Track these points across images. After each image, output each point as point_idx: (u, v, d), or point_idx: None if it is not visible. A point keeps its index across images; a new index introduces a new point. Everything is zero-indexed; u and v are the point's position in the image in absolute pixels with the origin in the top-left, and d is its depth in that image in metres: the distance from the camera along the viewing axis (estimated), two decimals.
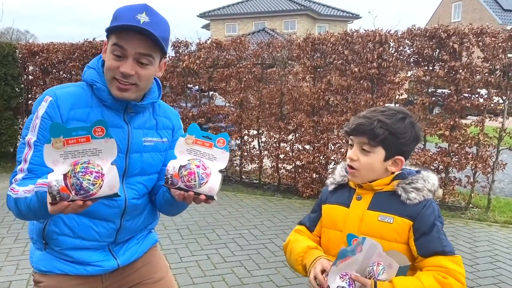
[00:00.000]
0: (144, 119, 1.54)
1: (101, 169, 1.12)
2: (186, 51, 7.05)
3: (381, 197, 1.45)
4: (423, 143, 5.89)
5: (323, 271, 1.39)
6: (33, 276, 1.58)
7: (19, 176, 1.39)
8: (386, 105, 1.37)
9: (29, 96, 8.32)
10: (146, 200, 1.60)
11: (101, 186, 1.12)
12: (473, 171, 5.69)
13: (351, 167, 1.46)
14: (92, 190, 1.11)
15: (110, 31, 1.39)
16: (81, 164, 1.11)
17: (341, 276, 1.33)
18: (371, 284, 1.30)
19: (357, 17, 33.96)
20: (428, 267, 1.37)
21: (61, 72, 7.89)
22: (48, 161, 1.11)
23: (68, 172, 1.10)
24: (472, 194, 5.80)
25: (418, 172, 1.50)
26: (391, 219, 1.40)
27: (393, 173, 1.49)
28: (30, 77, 8.23)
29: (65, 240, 1.48)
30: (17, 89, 8.11)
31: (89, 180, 1.10)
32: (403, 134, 1.42)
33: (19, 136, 8.45)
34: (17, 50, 8.05)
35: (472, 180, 5.72)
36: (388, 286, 1.30)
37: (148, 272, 1.68)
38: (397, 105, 6.19)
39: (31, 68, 8.22)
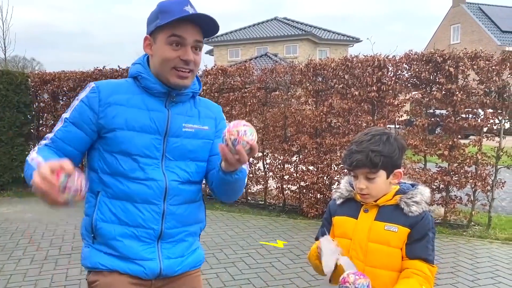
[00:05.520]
0: (185, 108, 1.62)
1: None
2: None
3: (385, 210, 1.67)
4: (423, 163, 6.06)
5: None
6: (86, 278, 1.60)
7: (42, 142, 1.55)
8: (367, 130, 1.63)
9: (40, 122, 8.57)
10: (193, 190, 1.63)
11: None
12: (473, 190, 5.83)
13: (363, 195, 1.67)
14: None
15: (163, 25, 1.48)
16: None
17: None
18: None
19: (357, 40, 34.51)
20: (410, 268, 1.60)
21: (71, 99, 8.15)
22: None
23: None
24: (473, 212, 5.93)
25: (412, 185, 1.73)
26: (396, 229, 1.62)
27: (397, 183, 1.71)
28: (42, 104, 8.51)
29: (111, 228, 1.52)
30: (28, 116, 8.37)
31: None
32: (394, 152, 1.65)
33: None
34: (29, 79, 8.34)
35: (472, 198, 5.87)
36: None
37: None
38: (397, 126, 6.40)
39: (45, 96, 8.47)
